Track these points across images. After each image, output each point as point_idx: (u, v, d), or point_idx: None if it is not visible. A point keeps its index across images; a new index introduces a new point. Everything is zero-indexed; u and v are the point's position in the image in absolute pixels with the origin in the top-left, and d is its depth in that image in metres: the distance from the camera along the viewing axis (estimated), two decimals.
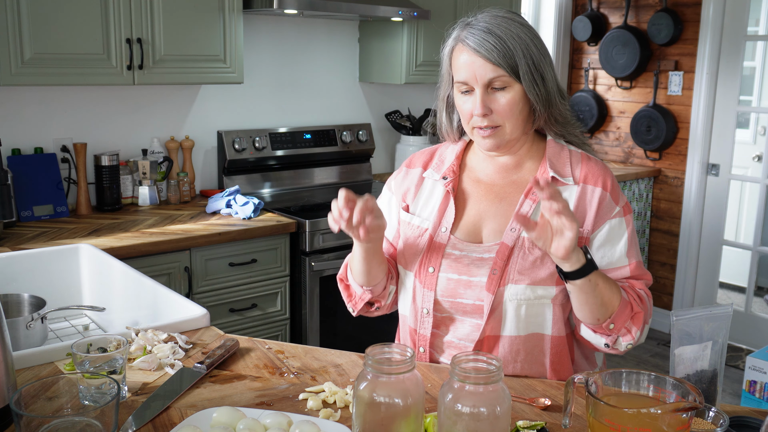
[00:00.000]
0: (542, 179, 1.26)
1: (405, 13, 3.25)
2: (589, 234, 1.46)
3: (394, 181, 1.65)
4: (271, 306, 2.87)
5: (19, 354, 1.36)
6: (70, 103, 2.92)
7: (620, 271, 1.46)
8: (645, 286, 1.47)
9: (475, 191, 1.54)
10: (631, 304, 1.40)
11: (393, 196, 1.64)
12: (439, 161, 1.60)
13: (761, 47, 5.00)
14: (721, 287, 4.55)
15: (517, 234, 1.45)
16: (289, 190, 3.48)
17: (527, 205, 1.47)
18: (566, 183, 1.47)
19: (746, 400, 1.43)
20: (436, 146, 1.66)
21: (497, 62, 1.40)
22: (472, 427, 0.98)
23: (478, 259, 1.47)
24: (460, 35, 1.46)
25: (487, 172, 1.55)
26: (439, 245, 1.50)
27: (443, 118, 1.58)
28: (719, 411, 1.08)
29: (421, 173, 1.60)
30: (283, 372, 1.39)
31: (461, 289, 1.47)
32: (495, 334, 1.46)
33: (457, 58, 1.46)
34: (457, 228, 1.51)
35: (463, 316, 1.49)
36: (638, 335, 1.40)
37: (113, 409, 0.97)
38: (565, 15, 4.75)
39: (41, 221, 2.73)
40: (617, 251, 1.46)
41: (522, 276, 1.44)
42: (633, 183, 4.32)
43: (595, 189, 1.47)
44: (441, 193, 1.55)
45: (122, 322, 1.81)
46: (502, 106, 1.43)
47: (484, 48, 1.40)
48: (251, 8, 2.99)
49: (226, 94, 3.33)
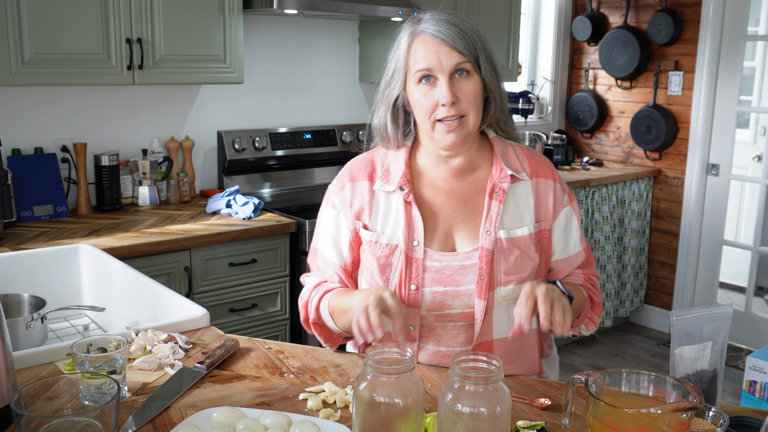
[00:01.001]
0: (524, 327, 1.27)
1: (405, 13, 3.25)
2: (550, 226, 1.52)
3: (337, 197, 1.55)
4: (271, 306, 2.87)
5: (19, 354, 1.36)
6: (70, 103, 2.92)
7: (577, 256, 1.55)
8: (593, 269, 1.59)
9: (437, 198, 1.50)
10: (592, 298, 1.52)
11: (340, 214, 1.54)
12: (385, 171, 1.52)
13: (761, 47, 5.00)
14: (721, 287, 4.55)
15: (493, 236, 1.45)
16: (289, 190, 3.48)
17: (495, 206, 1.47)
18: (522, 179, 1.50)
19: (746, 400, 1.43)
20: (369, 154, 1.58)
21: (462, 50, 1.41)
22: (472, 427, 0.98)
23: (460, 267, 1.45)
24: (416, 29, 1.45)
25: (442, 177, 1.51)
26: (416, 260, 1.45)
27: (388, 123, 1.51)
28: (719, 411, 1.08)
29: (370, 186, 1.51)
30: (283, 372, 1.39)
31: (449, 300, 1.45)
32: (488, 339, 1.47)
33: (417, 50, 1.43)
34: (430, 240, 1.47)
35: (449, 324, 1.48)
36: (599, 320, 1.55)
37: (113, 409, 0.97)
38: (565, 15, 4.75)
39: (41, 221, 2.73)
40: (572, 238, 1.55)
41: (509, 276, 1.45)
42: (633, 183, 4.32)
43: (547, 181, 1.52)
44: (401, 205, 1.48)
45: (122, 322, 1.80)
46: (467, 94, 1.42)
47: (449, 36, 1.41)
48: (251, 8, 2.99)
49: (226, 94, 3.33)
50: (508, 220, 1.47)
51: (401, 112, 1.51)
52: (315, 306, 1.51)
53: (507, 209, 1.47)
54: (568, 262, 1.55)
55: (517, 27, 4.02)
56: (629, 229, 4.34)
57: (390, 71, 1.50)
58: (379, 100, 1.53)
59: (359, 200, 1.52)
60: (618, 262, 4.33)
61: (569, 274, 1.56)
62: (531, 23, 4.79)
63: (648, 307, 4.61)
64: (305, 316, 1.55)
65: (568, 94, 4.86)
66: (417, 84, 1.43)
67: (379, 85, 1.53)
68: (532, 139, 4.25)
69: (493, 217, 1.46)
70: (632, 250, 4.38)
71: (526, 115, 4.24)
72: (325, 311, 1.48)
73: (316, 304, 1.51)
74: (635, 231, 4.37)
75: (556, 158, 4.32)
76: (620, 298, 4.41)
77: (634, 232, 4.36)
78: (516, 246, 1.46)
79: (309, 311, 1.53)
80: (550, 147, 4.32)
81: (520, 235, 1.47)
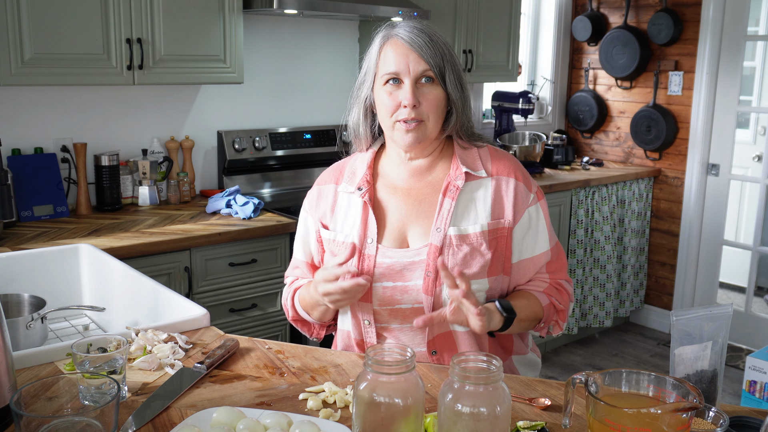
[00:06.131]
0: (455, 271, 1.34)
1: (405, 13, 3.25)
2: (511, 225, 1.53)
3: (307, 200, 1.67)
4: (271, 306, 2.87)
5: (19, 354, 1.36)
6: (70, 103, 2.92)
7: (543, 256, 1.56)
8: (564, 272, 1.59)
9: (393, 197, 1.57)
10: (554, 305, 1.54)
11: (308, 216, 1.65)
12: (351, 174, 1.61)
13: (761, 47, 5.00)
14: (721, 287, 4.55)
15: (443, 233, 1.49)
16: (289, 190, 3.48)
17: (447, 204, 1.51)
18: (480, 176, 1.53)
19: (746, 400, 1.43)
20: (344, 161, 1.67)
21: (428, 59, 1.47)
22: (472, 427, 0.98)
23: (409, 263, 1.50)
24: (390, 33, 1.52)
25: (402, 177, 1.58)
26: (368, 256, 1.52)
27: (360, 123, 1.59)
28: (719, 411, 1.08)
29: (334, 189, 1.61)
30: (283, 372, 1.39)
31: (398, 296, 1.50)
32: (445, 331, 1.51)
33: (387, 53, 1.50)
34: (382, 237, 1.53)
35: (403, 322, 1.52)
36: (565, 325, 1.59)
37: (113, 409, 0.97)
38: (565, 15, 4.75)
39: (41, 221, 2.73)
40: (539, 239, 1.56)
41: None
42: (633, 183, 4.32)
43: (509, 180, 1.53)
44: (359, 205, 1.56)
45: (122, 322, 1.80)
46: (429, 101, 1.48)
47: (419, 45, 1.48)
48: (251, 8, 2.99)
49: (226, 94, 3.33)
50: (460, 218, 1.50)
51: (369, 113, 1.59)
52: (291, 304, 1.67)
53: (460, 206, 1.51)
54: (533, 262, 1.56)
55: (517, 27, 4.02)
56: (629, 229, 4.34)
57: (363, 72, 1.58)
58: (353, 101, 1.61)
59: (324, 203, 1.62)
60: (618, 262, 4.33)
61: (532, 278, 1.58)
62: (531, 23, 4.79)
63: (648, 307, 4.61)
64: (287, 315, 1.70)
65: (568, 94, 4.87)
66: (383, 85, 1.51)
67: (354, 86, 1.61)
68: (532, 139, 4.25)
69: (444, 214, 1.50)
70: (632, 250, 4.38)
71: (526, 115, 4.24)
72: (299, 307, 1.64)
73: (291, 302, 1.66)
74: (635, 231, 4.37)
75: (556, 158, 4.32)
76: (620, 298, 4.41)
77: (634, 232, 4.36)
78: (466, 243, 1.49)
79: (287, 309, 1.69)
80: (550, 147, 4.32)
81: (471, 232, 1.50)
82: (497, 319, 1.44)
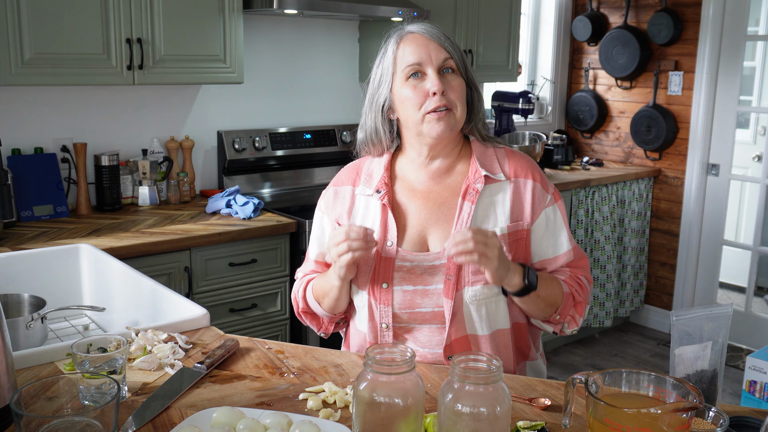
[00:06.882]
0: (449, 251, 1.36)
1: (405, 13, 3.25)
2: (529, 226, 1.52)
3: (323, 200, 1.65)
4: (271, 306, 2.87)
5: (19, 354, 1.36)
6: (70, 103, 2.92)
7: (563, 257, 1.54)
8: (586, 271, 1.57)
9: (412, 201, 1.55)
10: (573, 296, 1.52)
11: (324, 216, 1.64)
12: (368, 176, 1.59)
13: (761, 47, 5.00)
14: (721, 287, 4.55)
15: None
16: (289, 190, 3.48)
17: (467, 207, 1.50)
18: (499, 179, 1.52)
19: (746, 400, 1.43)
20: (359, 161, 1.65)
21: (447, 48, 1.49)
22: (472, 427, 0.98)
23: (430, 267, 1.49)
24: (404, 31, 1.53)
25: (420, 180, 1.57)
26: (388, 260, 1.51)
27: (379, 128, 1.57)
28: (719, 411, 1.08)
29: (352, 191, 1.60)
30: (283, 372, 1.39)
31: (418, 299, 1.49)
32: (462, 335, 1.49)
33: (405, 48, 1.50)
34: (402, 240, 1.52)
35: (422, 323, 1.51)
36: (581, 321, 1.55)
37: (113, 409, 0.97)
38: (565, 15, 4.75)
39: (41, 221, 2.73)
40: (559, 240, 1.54)
41: (477, 277, 1.47)
42: (633, 183, 4.32)
43: (527, 181, 1.53)
44: (377, 208, 1.55)
45: (122, 322, 1.81)
46: (455, 88, 1.49)
47: (435, 35, 1.50)
48: (251, 8, 2.99)
49: (226, 94, 3.33)
50: (480, 221, 1.50)
51: (387, 119, 1.57)
52: (302, 295, 1.64)
53: (480, 210, 1.50)
54: (554, 263, 1.55)
55: (517, 27, 4.02)
56: (629, 229, 4.34)
57: (377, 77, 1.56)
58: (367, 110, 1.59)
59: (341, 204, 1.60)
60: (618, 262, 4.33)
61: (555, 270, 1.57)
62: (531, 23, 4.79)
63: (648, 307, 4.61)
64: (296, 308, 1.66)
65: (568, 94, 4.86)
66: (405, 80, 1.49)
67: (366, 97, 1.59)
68: (532, 139, 4.25)
69: (465, 217, 1.49)
70: (632, 250, 4.38)
71: (526, 115, 4.24)
72: (310, 297, 1.61)
73: (303, 293, 1.64)
74: (635, 231, 4.37)
75: (556, 158, 4.32)
76: (620, 298, 4.41)
77: (634, 232, 4.36)
78: None
79: (298, 301, 1.66)
80: (550, 147, 4.32)
81: None
82: (516, 279, 1.42)
